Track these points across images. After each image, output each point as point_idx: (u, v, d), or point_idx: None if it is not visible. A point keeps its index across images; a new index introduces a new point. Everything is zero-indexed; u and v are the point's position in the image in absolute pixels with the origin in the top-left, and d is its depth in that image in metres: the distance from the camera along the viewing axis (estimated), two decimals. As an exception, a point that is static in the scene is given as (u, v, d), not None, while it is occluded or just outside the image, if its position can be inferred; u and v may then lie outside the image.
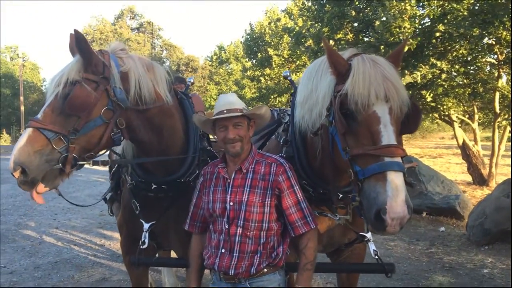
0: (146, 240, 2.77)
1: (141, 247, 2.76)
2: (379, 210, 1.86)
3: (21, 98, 43.68)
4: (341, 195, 2.49)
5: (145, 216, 2.83)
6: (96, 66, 2.34)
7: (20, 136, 2.22)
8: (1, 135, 41.78)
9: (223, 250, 2.25)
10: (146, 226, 2.79)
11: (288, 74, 3.34)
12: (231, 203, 2.26)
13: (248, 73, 29.58)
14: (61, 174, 2.28)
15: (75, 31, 2.32)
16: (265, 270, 2.26)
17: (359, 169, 1.98)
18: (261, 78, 27.29)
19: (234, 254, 2.23)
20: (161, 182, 2.75)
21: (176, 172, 2.75)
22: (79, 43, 2.29)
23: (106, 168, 3.54)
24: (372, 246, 2.67)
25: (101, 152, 2.50)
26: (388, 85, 1.99)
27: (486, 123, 15.47)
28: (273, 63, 25.81)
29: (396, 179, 1.88)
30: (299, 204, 2.32)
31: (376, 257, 2.62)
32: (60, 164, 2.22)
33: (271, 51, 25.61)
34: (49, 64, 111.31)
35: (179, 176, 2.73)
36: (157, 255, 3.30)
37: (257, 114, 2.38)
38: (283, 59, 26.04)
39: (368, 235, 2.67)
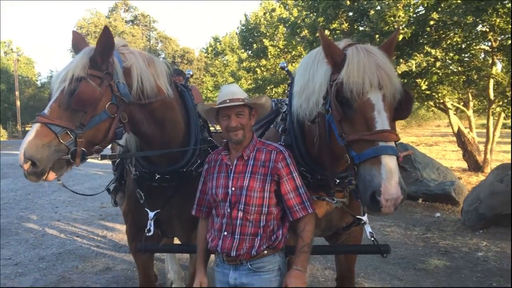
0: (152, 228, 2.88)
1: (147, 234, 2.88)
2: (374, 192, 1.97)
3: (17, 93, 43.59)
4: (338, 180, 2.60)
5: (150, 205, 2.94)
6: (102, 63, 2.42)
7: (29, 131, 2.30)
8: (-2, 130, 41.73)
9: (225, 233, 2.37)
10: (151, 214, 2.90)
11: (285, 65, 3.44)
12: (233, 188, 2.38)
13: (244, 64, 29.58)
14: (68, 165, 2.38)
15: (105, 27, 2.40)
16: (265, 252, 2.38)
17: (355, 154, 2.09)
18: (257, 69, 27.32)
19: (236, 236, 2.35)
20: (164, 172, 2.85)
21: (179, 162, 2.86)
22: (105, 40, 2.38)
23: (105, 162, 3.65)
24: (368, 229, 2.79)
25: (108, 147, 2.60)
26: (382, 73, 2.10)
27: (481, 110, 15.58)
28: (269, 53, 25.84)
29: (390, 162, 1.99)
30: (298, 190, 2.43)
31: (372, 238, 2.73)
32: (70, 156, 2.31)
33: (266, 42, 25.63)
34: (44, 58, 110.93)
35: (182, 166, 2.84)
36: (162, 242, 3.41)
37: (258, 103, 2.48)
38: (278, 50, 26.07)
39: (365, 218, 2.79)
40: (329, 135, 2.31)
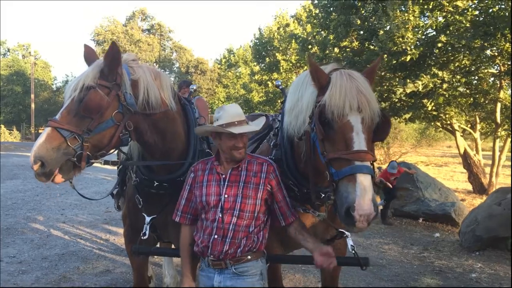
0: (147, 232, 3.07)
1: (142, 237, 3.06)
2: (349, 207, 2.12)
3: (32, 95, 44.25)
4: (323, 195, 2.76)
5: (147, 210, 3.12)
6: (111, 74, 2.64)
7: (40, 134, 2.49)
8: (11, 131, 42.34)
9: (215, 236, 2.52)
10: (147, 219, 3.10)
11: (280, 83, 3.63)
12: (226, 196, 2.54)
13: (256, 77, 29.82)
14: (75, 168, 2.56)
15: (112, 43, 2.63)
16: (249, 257, 2.55)
17: (334, 171, 2.26)
18: (269, 82, 27.55)
19: (227, 240, 2.51)
20: (162, 180, 3.04)
21: (177, 171, 3.04)
22: (113, 54, 2.59)
23: (113, 167, 3.83)
24: (350, 242, 2.93)
25: (111, 151, 2.79)
26: (361, 97, 2.27)
27: (488, 133, 15.62)
28: (281, 68, 26.04)
29: (364, 180, 2.14)
30: (285, 199, 2.65)
31: (353, 251, 2.88)
32: (76, 159, 2.50)
33: (279, 56, 25.87)
34: (60, 63, 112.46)
35: (179, 175, 3.02)
36: (157, 246, 3.58)
37: (259, 130, 2.72)
38: (290, 64, 26.26)
39: (347, 232, 2.94)
40: (313, 152, 2.48)
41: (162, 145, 2.95)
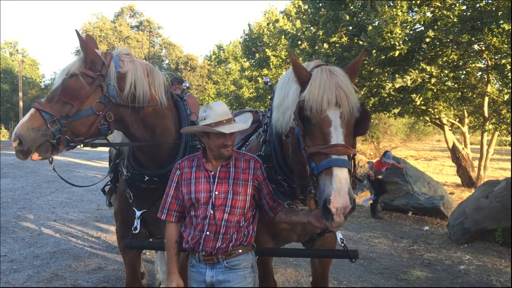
0: (138, 226, 3.10)
1: (134, 232, 3.09)
2: (325, 201, 2.16)
3: (20, 93, 43.78)
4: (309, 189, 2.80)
5: (138, 204, 3.16)
6: (94, 64, 2.71)
7: (25, 114, 2.62)
8: (0, 130, 41.94)
9: (207, 233, 2.55)
10: (138, 213, 3.13)
11: (268, 80, 3.66)
12: (216, 192, 2.57)
13: (246, 73, 29.80)
14: (54, 149, 2.66)
15: (76, 32, 2.76)
16: (240, 251, 2.59)
17: (314, 165, 2.30)
18: (259, 78, 27.53)
19: (219, 236, 2.55)
20: (153, 175, 3.07)
21: (167, 166, 3.06)
22: (82, 44, 2.70)
23: (103, 165, 3.83)
24: (339, 235, 2.98)
25: (90, 140, 2.84)
26: (340, 93, 2.30)
27: (476, 127, 15.80)
28: (271, 63, 26.04)
29: (340, 173, 2.18)
30: (271, 193, 2.73)
31: (342, 244, 2.93)
32: (55, 141, 2.61)
33: (269, 52, 25.87)
34: (48, 60, 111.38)
35: (170, 170, 3.03)
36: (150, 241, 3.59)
37: (246, 129, 2.72)
38: (280, 60, 26.28)
39: None
40: (298, 148, 2.52)
41: (150, 140, 2.99)
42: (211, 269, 2.59)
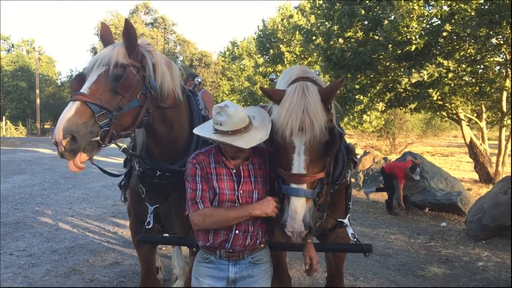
0: (151, 221, 3.09)
1: (147, 227, 3.08)
2: (282, 224, 2.31)
3: (37, 91, 44.39)
4: None
5: (150, 199, 3.14)
6: (137, 54, 2.66)
7: (66, 108, 2.34)
8: (17, 127, 42.53)
9: (236, 232, 2.50)
10: (151, 208, 3.11)
11: (275, 77, 3.64)
12: (241, 191, 2.51)
13: (260, 69, 29.82)
14: (98, 146, 2.47)
15: (126, 20, 2.61)
16: (262, 245, 2.60)
17: (282, 185, 2.40)
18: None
19: (248, 234, 2.52)
20: (165, 170, 3.04)
21: (179, 161, 3.03)
22: (128, 31, 2.58)
23: (120, 161, 3.85)
24: (350, 230, 3.00)
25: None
26: (306, 118, 2.28)
27: (494, 122, 15.56)
28: (285, 59, 26.05)
29: (296, 202, 2.28)
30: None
31: (355, 239, 2.92)
32: (99, 137, 2.40)
33: (283, 48, 25.87)
34: (65, 58, 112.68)
35: (182, 165, 3.00)
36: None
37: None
38: (295, 56, 26.25)
39: (345, 220, 3.04)
40: None
41: (169, 134, 2.97)
42: (234, 265, 2.54)
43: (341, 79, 2.50)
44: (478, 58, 11.66)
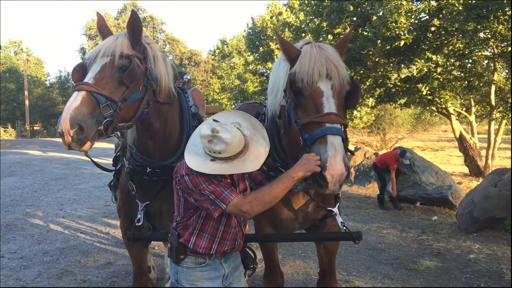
0: (141, 218, 3.06)
1: (137, 224, 3.05)
2: (321, 167, 2.18)
3: (26, 92, 44.02)
4: None
5: (140, 197, 3.11)
6: (140, 46, 2.66)
7: (71, 97, 2.33)
8: (6, 129, 42.16)
9: (239, 240, 2.55)
10: (141, 205, 3.08)
11: (264, 70, 3.66)
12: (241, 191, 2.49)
13: (250, 67, 29.76)
14: (100, 136, 2.46)
15: (133, 11, 2.64)
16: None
17: (307, 136, 2.32)
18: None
19: (242, 238, 2.58)
20: (155, 166, 3.00)
21: (170, 158, 3.02)
22: (134, 23, 2.58)
23: (110, 161, 3.82)
24: (339, 219, 2.98)
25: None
26: (330, 65, 2.36)
27: (483, 116, 15.68)
28: (275, 57, 25.94)
29: (334, 141, 2.21)
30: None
31: (344, 227, 2.92)
32: (102, 127, 2.39)
33: (273, 45, 25.80)
34: (53, 58, 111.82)
35: (173, 161, 2.99)
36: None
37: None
38: (284, 53, 26.16)
39: (335, 209, 3.00)
40: (288, 123, 2.56)
41: (163, 129, 2.96)
42: (225, 261, 2.56)
43: (349, 31, 2.70)
44: (466, 52, 11.72)
